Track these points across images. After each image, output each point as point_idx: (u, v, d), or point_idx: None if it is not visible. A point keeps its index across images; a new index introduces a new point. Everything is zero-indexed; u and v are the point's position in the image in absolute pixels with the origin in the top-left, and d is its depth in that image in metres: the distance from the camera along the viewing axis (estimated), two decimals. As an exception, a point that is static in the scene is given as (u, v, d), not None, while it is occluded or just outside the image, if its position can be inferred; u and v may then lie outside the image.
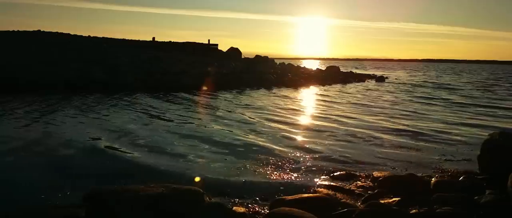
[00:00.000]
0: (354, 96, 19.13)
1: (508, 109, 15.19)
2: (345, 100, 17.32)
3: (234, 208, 4.16)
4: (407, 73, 54.15)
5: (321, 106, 14.81)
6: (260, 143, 8.13)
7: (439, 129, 10.16)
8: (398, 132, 9.71)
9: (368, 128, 10.19)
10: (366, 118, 12.03)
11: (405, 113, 13.44)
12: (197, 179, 5.65)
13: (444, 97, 19.39)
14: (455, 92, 23.08)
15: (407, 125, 10.71)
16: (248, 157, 6.90)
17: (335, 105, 15.14)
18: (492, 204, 4.27)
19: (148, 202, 3.58)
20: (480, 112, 13.89)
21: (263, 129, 9.70)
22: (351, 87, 25.27)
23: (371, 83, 29.83)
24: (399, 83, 30.95)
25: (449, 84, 30.49)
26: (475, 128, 10.49)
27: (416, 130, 9.98)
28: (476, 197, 4.45)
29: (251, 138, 8.58)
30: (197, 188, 3.95)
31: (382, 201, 4.51)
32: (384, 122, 11.15)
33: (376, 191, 5.04)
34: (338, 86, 25.86)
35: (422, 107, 15.09)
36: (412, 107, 15.17)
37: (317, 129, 9.93)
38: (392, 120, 11.69)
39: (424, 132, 9.73)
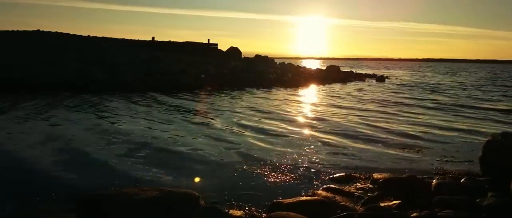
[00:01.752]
0: (354, 97, 19.04)
1: (509, 109, 15.08)
2: (344, 100, 17.23)
3: (231, 211, 4.09)
4: (407, 72, 54.08)
5: (319, 107, 14.71)
6: (257, 144, 8.04)
7: (439, 130, 10.07)
8: (398, 133, 9.61)
9: (368, 129, 10.11)
10: (366, 118, 11.94)
11: (405, 113, 13.34)
12: (193, 181, 5.57)
13: (444, 98, 19.29)
14: (456, 93, 22.96)
15: (407, 126, 10.62)
16: (245, 159, 6.80)
17: (334, 106, 15.06)
18: (494, 206, 4.18)
19: (142, 205, 3.50)
20: (481, 113, 13.79)
21: (261, 130, 9.61)
22: (351, 87, 25.19)
23: (371, 83, 29.73)
24: (399, 83, 30.84)
25: (450, 84, 30.38)
26: (476, 128, 10.39)
27: (416, 130, 9.89)
28: (478, 200, 4.36)
29: (248, 139, 8.49)
30: (193, 191, 3.87)
31: (382, 204, 4.44)
32: (384, 123, 11.05)
33: (376, 193, 4.97)
34: (338, 86, 25.78)
35: (423, 108, 15.00)
36: (412, 107, 15.07)
37: (315, 130, 9.85)
38: (392, 120, 11.60)
39: (424, 132, 9.64)
